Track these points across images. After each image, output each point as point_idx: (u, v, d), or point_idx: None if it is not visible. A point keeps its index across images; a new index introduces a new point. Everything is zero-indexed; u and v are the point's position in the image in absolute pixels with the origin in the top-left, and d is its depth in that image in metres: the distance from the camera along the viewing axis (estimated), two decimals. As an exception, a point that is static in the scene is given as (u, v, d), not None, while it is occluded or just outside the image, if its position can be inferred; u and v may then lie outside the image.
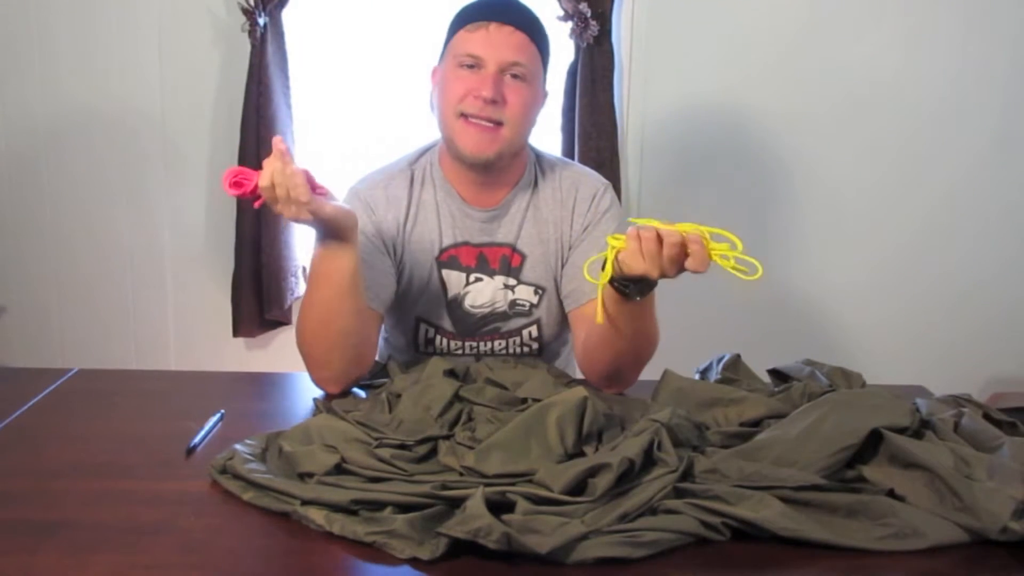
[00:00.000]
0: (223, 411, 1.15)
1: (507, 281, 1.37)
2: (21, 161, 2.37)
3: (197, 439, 1.06)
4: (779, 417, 1.05)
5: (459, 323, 1.39)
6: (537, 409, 0.97)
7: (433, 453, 0.99)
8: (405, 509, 0.86)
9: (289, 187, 1.05)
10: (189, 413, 1.14)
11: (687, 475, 0.92)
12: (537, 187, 1.38)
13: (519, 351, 1.42)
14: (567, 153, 2.28)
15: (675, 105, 2.33)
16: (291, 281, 2.35)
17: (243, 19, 2.19)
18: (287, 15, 2.24)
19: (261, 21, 2.18)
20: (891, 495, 0.90)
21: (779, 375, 1.25)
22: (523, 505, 0.85)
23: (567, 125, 2.28)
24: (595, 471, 0.88)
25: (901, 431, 0.95)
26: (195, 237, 2.42)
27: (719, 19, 2.28)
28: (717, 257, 1.03)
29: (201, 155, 2.36)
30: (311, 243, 1.18)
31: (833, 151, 2.35)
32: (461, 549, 0.80)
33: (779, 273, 2.38)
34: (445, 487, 0.89)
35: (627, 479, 0.89)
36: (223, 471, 0.95)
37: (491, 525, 0.79)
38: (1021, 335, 2.46)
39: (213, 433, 1.09)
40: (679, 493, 0.89)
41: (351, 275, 1.17)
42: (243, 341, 2.45)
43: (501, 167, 1.32)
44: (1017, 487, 0.87)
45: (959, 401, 1.13)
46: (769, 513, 0.85)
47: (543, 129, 2.05)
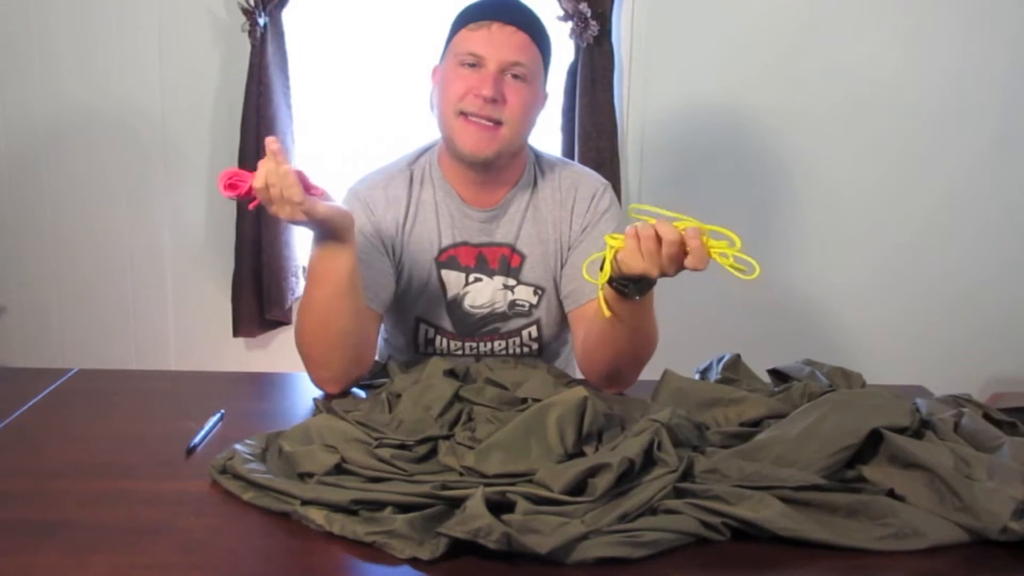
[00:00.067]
0: (223, 411, 1.15)
1: (506, 281, 1.37)
2: (21, 161, 2.38)
3: (197, 439, 1.06)
4: (779, 417, 1.05)
5: (459, 323, 1.39)
6: (537, 409, 0.97)
7: (433, 453, 0.99)
8: (405, 509, 0.86)
9: (282, 187, 1.05)
10: (189, 413, 1.14)
11: (687, 475, 0.92)
12: (536, 187, 1.38)
13: (519, 351, 1.42)
14: (567, 153, 2.27)
15: (675, 105, 2.33)
16: (291, 281, 2.35)
17: (243, 19, 2.19)
18: (287, 15, 2.24)
19: (261, 21, 2.18)
20: (891, 495, 0.90)
21: (779, 375, 1.25)
22: (523, 505, 0.85)
23: (567, 125, 2.28)
24: (595, 471, 0.88)
25: (901, 431, 0.95)
26: (195, 237, 2.42)
27: (719, 19, 2.28)
28: (716, 255, 1.02)
29: (201, 155, 2.36)
30: (310, 243, 1.18)
31: (833, 151, 2.35)
32: (461, 549, 0.80)
33: (779, 273, 2.38)
34: (445, 487, 0.89)
35: (627, 479, 0.89)
36: (223, 471, 0.95)
37: (491, 525, 0.79)
38: (1021, 335, 2.46)
39: (213, 433, 1.09)
40: (679, 493, 0.89)
41: (349, 275, 1.17)
42: (243, 341, 2.45)
43: (500, 167, 1.32)
44: (1017, 487, 0.87)
45: (959, 401, 1.13)
46: (769, 513, 0.85)
47: (543, 129, 2.05)
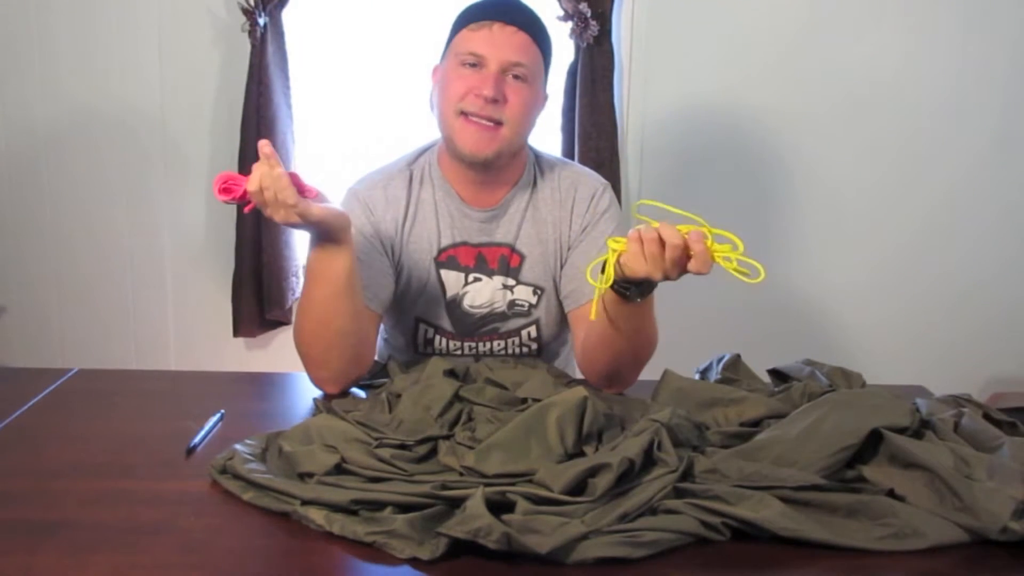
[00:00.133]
0: (223, 411, 1.15)
1: (506, 281, 1.37)
2: (21, 161, 2.38)
3: (197, 439, 1.06)
4: (779, 417, 1.05)
5: (458, 323, 1.39)
6: (537, 409, 0.97)
7: (433, 453, 0.99)
8: (405, 509, 0.86)
9: (276, 190, 1.05)
10: (189, 413, 1.14)
11: (687, 475, 0.92)
12: (536, 187, 1.38)
13: (518, 351, 1.42)
14: (567, 153, 2.27)
15: (675, 105, 2.33)
16: (291, 281, 2.35)
17: (243, 19, 2.19)
18: (287, 15, 2.24)
19: (261, 21, 2.18)
20: (891, 495, 0.90)
21: (779, 375, 1.25)
22: (523, 505, 0.85)
23: (567, 125, 2.28)
24: (595, 471, 0.88)
25: (901, 431, 0.95)
26: (195, 237, 2.42)
27: (719, 19, 2.28)
28: (720, 259, 1.02)
29: (201, 155, 2.36)
30: (308, 244, 1.18)
31: (833, 151, 2.35)
32: (461, 549, 0.80)
33: (779, 273, 2.38)
34: (445, 487, 0.89)
35: (627, 479, 0.89)
36: (223, 471, 0.95)
37: (491, 525, 0.79)
38: (1021, 335, 2.46)
39: (213, 433, 1.09)
40: (679, 493, 0.89)
41: (347, 275, 1.17)
42: (243, 341, 2.45)
43: (500, 167, 1.32)
44: (1017, 487, 0.87)
45: (959, 401, 1.13)
46: (769, 513, 0.85)
47: (543, 129, 2.05)
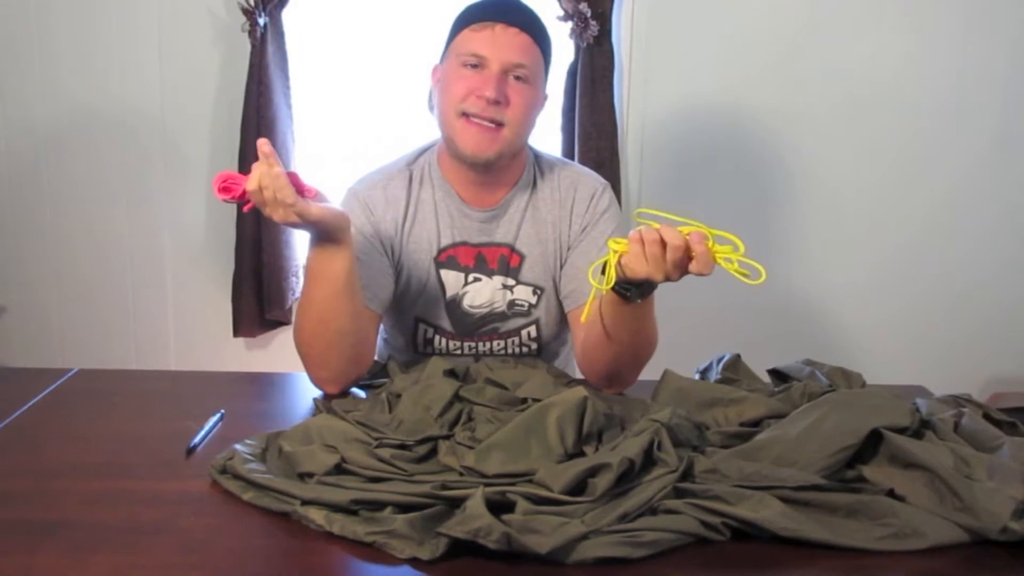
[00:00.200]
0: (223, 411, 1.15)
1: (506, 281, 1.37)
2: (21, 161, 2.38)
3: (197, 439, 1.06)
4: (779, 417, 1.05)
5: (458, 323, 1.39)
6: (537, 409, 0.97)
7: (433, 453, 0.99)
8: (405, 509, 0.86)
9: (275, 189, 1.05)
10: (189, 413, 1.14)
11: (687, 475, 0.92)
12: (536, 187, 1.38)
13: (518, 351, 1.42)
14: (567, 153, 2.27)
15: (675, 105, 2.33)
16: (291, 281, 2.35)
17: (243, 19, 2.19)
18: (287, 15, 2.24)
19: (261, 21, 2.18)
20: (891, 495, 0.90)
21: (779, 375, 1.25)
22: (523, 505, 0.85)
23: (567, 125, 2.28)
24: (595, 471, 0.88)
25: (901, 431, 0.95)
26: (195, 237, 2.42)
27: (719, 19, 2.28)
28: (721, 260, 1.02)
29: (201, 155, 2.36)
30: (307, 244, 1.18)
31: (833, 151, 2.35)
32: (461, 549, 0.80)
33: (779, 273, 2.38)
34: (445, 487, 0.89)
35: (627, 479, 0.89)
36: (223, 471, 0.95)
37: (491, 525, 0.79)
38: (1021, 335, 2.46)
39: (213, 433, 1.09)
40: (679, 493, 0.89)
41: (346, 275, 1.16)
42: (243, 341, 2.45)
43: (500, 167, 1.32)
44: (1017, 487, 0.87)
45: (959, 401, 1.13)
46: (769, 513, 0.85)
47: (543, 129, 2.05)
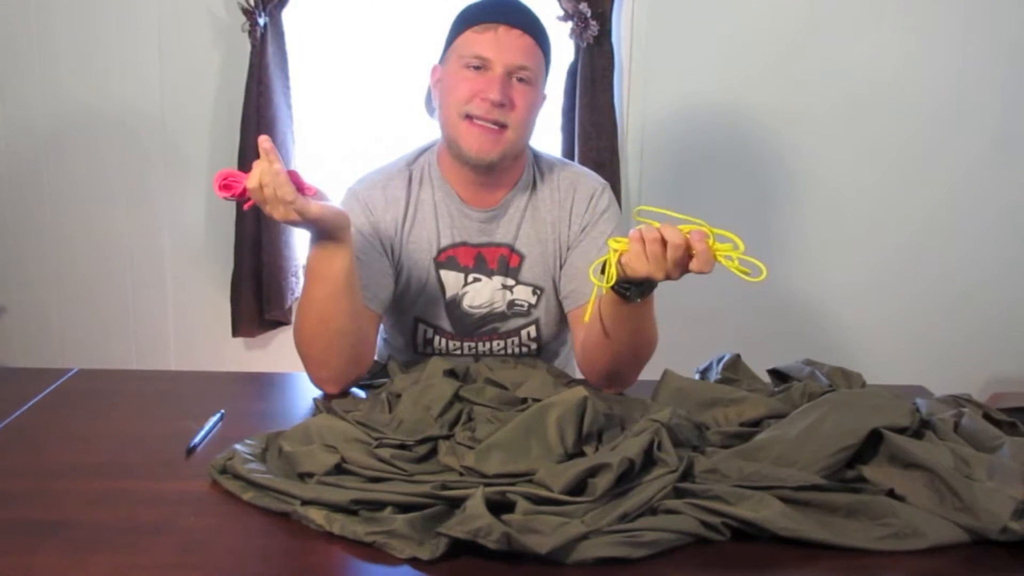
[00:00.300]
0: (223, 411, 1.15)
1: (505, 281, 1.37)
2: (21, 161, 2.38)
3: (197, 439, 1.06)
4: (779, 417, 1.05)
5: (457, 323, 1.39)
6: (537, 409, 0.97)
7: (433, 453, 0.99)
8: (405, 509, 0.86)
9: (275, 186, 1.05)
10: (189, 413, 1.14)
11: (687, 475, 0.92)
12: (536, 187, 1.38)
13: (518, 351, 1.42)
14: (567, 153, 2.27)
15: (675, 105, 2.33)
16: (291, 281, 2.35)
17: (243, 19, 2.19)
18: (287, 15, 2.24)
19: (261, 21, 2.18)
20: (891, 495, 0.90)
21: (779, 375, 1.25)
22: (523, 505, 0.85)
23: (567, 125, 2.28)
24: (595, 471, 0.88)
25: (901, 431, 0.95)
26: (195, 237, 2.42)
27: (719, 19, 2.28)
28: (721, 258, 1.02)
29: (201, 155, 2.36)
30: (307, 243, 1.18)
31: (833, 151, 2.35)
32: (461, 549, 0.80)
33: (779, 273, 2.37)
34: (445, 487, 0.89)
35: (627, 479, 0.89)
36: (223, 471, 0.95)
37: (491, 525, 0.79)
38: (1021, 335, 2.46)
39: (213, 433, 1.09)
40: (679, 493, 0.89)
41: (346, 275, 1.16)
42: (243, 341, 2.45)
43: (502, 168, 1.32)
44: (1017, 487, 0.87)
45: (959, 401, 1.13)
46: (769, 513, 0.85)
47: (543, 129, 2.05)
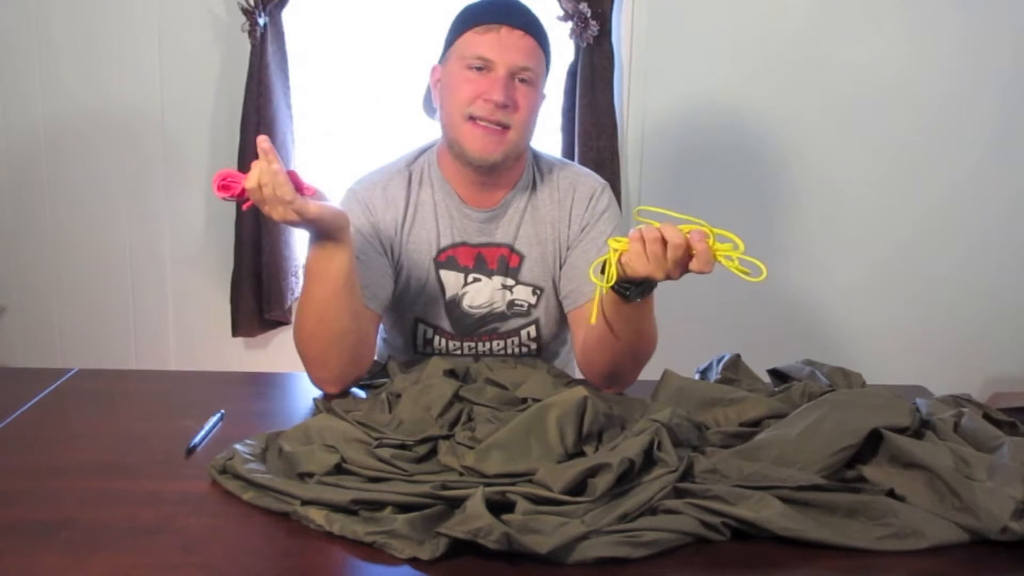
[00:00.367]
0: (223, 411, 1.15)
1: (505, 281, 1.37)
2: (21, 161, 2.38)
3: (197, 439, 1.06)
4: (779, 417, 1.05)
5: (457, 323, 1.39)
6: (537, 409, 0.97)
7: (433, 453, 0.99)
8: (405, 509, 0.86)
9: (274, 186, 1.05)
10: (189, 413, 1.14)
11: (687, 475, 0.92)
12: (535, 188, 1.38)
13: (517, 351, 1.42)
14: (567, 153, 2.27)
15: (675, 105, 2.33)
16: (291, 281, 2.35)
17: (243, 19, 2.19)
18: (287, 15, 2.24)
19: (261, 21, 2.18)
20: (891, 495, 0.90)
21: (779, 375, 1.25)
22: (523, 505, 0.85)
23: (567, 125, 2.28)
24: (595, 471, 0.88)
25: (901, 431, 0.95)
26: (195, 237, 2.42)
27: (719, 19, 2.28)
28: (721, 258, 1.02)
29: (201, 155, 2.36)
30: (307, 243, 1.18)
31: (833, 151, 2.35)
32: (461, 549, 0.80)
33: (779, 273, 2.37)
34: (445, 487, 0.89)
35: (627, 479, 0.89)
36: (223, 471, 0.95)
37: (491, 525, 0.79)
38: (1021, 335, 2.46)
39: (213, 433, 1.09)
40: (679, 493, 0.89)
41: (346, 274, 1.16)
42: (243, 341, 2.45)
43: (503, 169, 1.32)
44: (1017, 487, 0.87)
45: (959, 401, 1.13)
46: (769, 513, 0.85)
47: (543, 129, 2.05)
